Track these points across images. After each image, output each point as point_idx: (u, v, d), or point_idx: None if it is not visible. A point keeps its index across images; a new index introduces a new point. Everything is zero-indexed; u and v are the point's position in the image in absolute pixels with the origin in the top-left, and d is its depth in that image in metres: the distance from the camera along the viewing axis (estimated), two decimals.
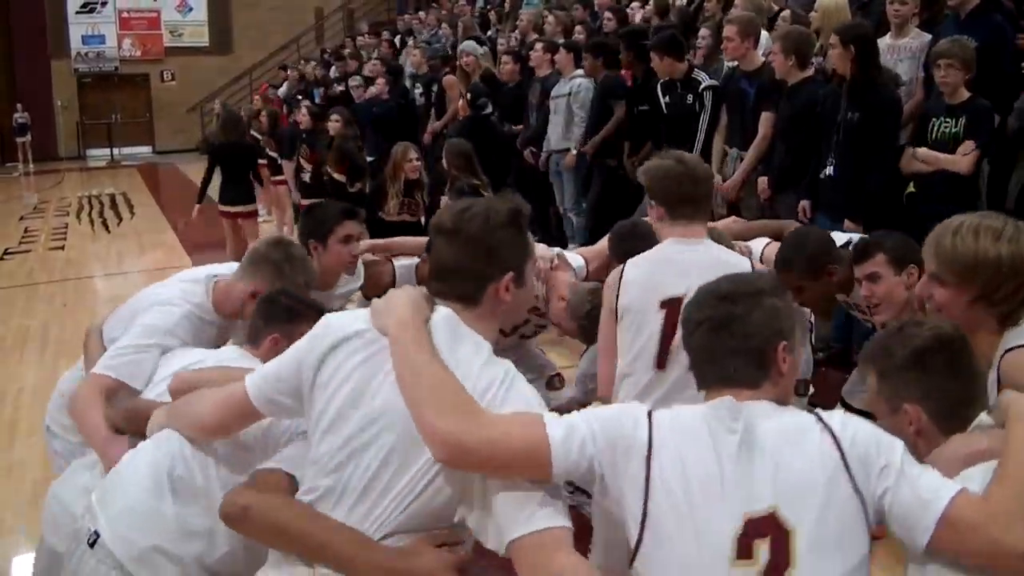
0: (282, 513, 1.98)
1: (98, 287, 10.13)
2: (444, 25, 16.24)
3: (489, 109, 8.88)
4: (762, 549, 1.69)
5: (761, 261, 3.81)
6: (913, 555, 1.78)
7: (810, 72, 5.78)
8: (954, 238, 2.36)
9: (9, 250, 12.00)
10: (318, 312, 2.79)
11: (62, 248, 12.24)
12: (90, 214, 15.12)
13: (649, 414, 1.85)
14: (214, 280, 3.18)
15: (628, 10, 10.15)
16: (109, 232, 13.49)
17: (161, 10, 26.06)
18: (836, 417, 1.82)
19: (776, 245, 3.82)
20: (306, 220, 3.83)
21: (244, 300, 3.09)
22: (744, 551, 1.69)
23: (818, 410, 1.87)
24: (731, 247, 3.47)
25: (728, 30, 6.26)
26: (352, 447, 1.93)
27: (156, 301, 3.09)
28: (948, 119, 5.20)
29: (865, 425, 1.82)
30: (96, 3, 25.38)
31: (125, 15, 25.72)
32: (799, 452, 1.75)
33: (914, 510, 1.70)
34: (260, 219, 10.14)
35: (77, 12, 25.18)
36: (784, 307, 1.96)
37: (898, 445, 1.78)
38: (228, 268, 3.29)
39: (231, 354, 2.86)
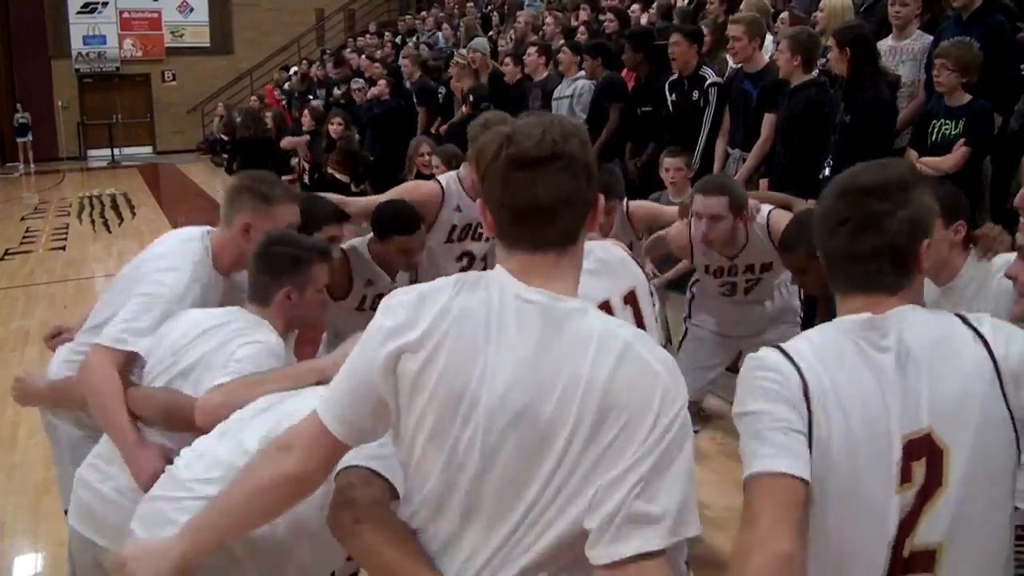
0: (389, 551, 1.73)
1: (99, 288, 10.12)
2: (444, 26, 16.26)
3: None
4: (919, 471, 1.66)
5: (768, 224, 4.03)
6: None
7: (814, 74, 5.76)
8: None
9: (10, 250, 12.02)
10: (321, 252, 2.80)
11: (63, 248, 12.25)
12: (91, 214, 15.13)
13: (785, 354, 1.77)
14: (209, 234, 2.96)
15: (630, 12, 10.14)
16: (110, 232, 13.51)
17: (162, 11, 26.05)
18: (986, 324, 1.74)
19: (783, 213, 4.03)
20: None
21: (239, 240, 2.88)
22: (906, 475, 1.66)
23: (963, 313, 1.80)
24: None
25: (735, 30, 6.26)
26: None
27: (158, 268, 2.84)
28: (948, 121, 5.22)
29: (1018, 335, 1.73)
30: (97, 3, 25.37)
31: (126, 15, 25.70)
32: (955, 366, 1.69)
33: None
34: None
35: (78, 12, 25.16)
36: (929, 200, 1.81)
37: None
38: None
39: (239, 317, 2.67)
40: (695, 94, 6.80)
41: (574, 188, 1.66)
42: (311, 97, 14.95)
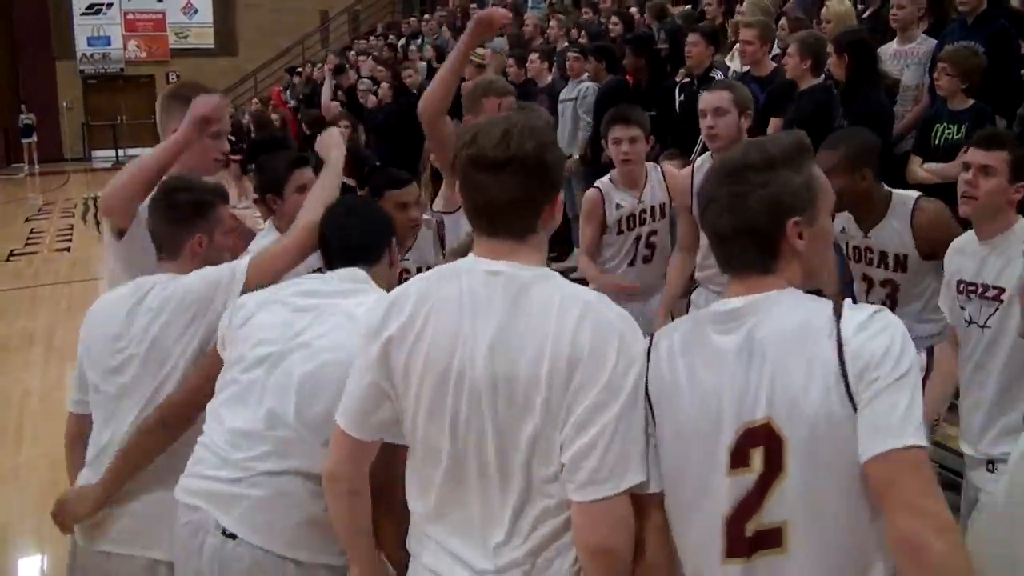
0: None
1: (103, 289, 10.13)
2: (444, 28, 16.29)
3: None
4: (757, 457, 1.69)
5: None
6: None
7: (821, 79, 5.75)
8: None
9: (15, 251, 12.05)
10: (222, 193, 2.79)
11: (68, 250, 12.29)
12: (95, 216, 15.14)
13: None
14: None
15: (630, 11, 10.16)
16: None
17: (166, 12, 26.13)
18: (856, 318, 1.68)
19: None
20: (259, 176, 3.55)
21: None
22: (740, 459, 1.71)
23: (847, 304, 1.73)
24: None
25: (747, 34, 6.24)
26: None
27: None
28: (951, 125, 5.20)
29: (885, 334, 1.66)
30: (101, 5, 25.44)
31: (130, 17, 25.77)
32: (798, 361, 1.67)
33: (864, 432, 1.62)
34: None
35: (82, 13, 25.24)
36: (801, 179, 1.78)
37: (905, 363, 1.64)
38: None
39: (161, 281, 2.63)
40: None
41: (524, 191, 1.82)
42: (316, 100, 14.94)
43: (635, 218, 4.60)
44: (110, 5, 25.53)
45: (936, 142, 5.26)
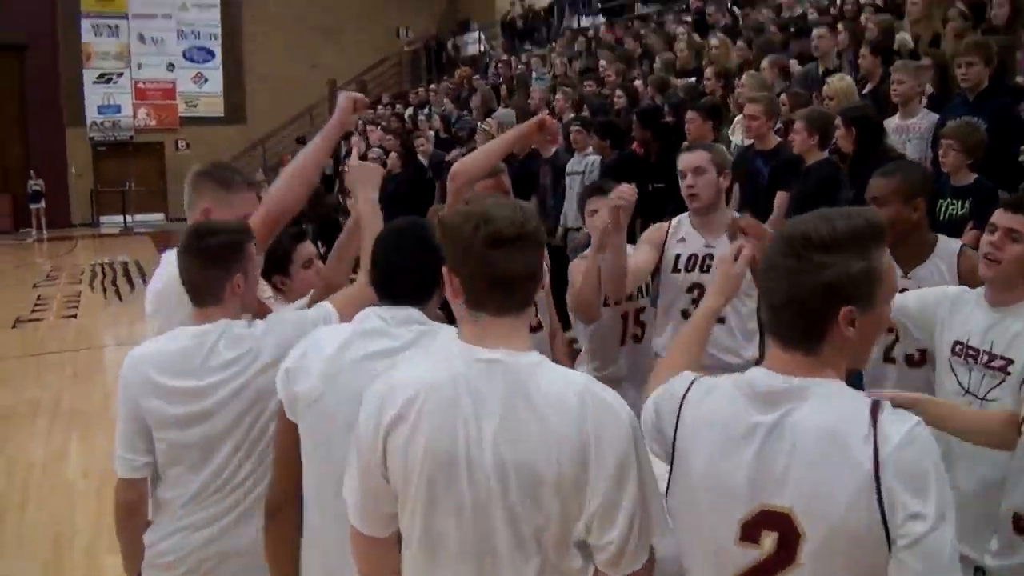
0: None
1: (109, 356, 10.15)
2: (445, 100, 16.48)
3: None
4: (768, 540, 1.72)
5: None
6: None
7: (826, 154, 5.81)
8: None
9: (21, 318, 12.07)
10: (248, 230, 2.73)
11: (74, 316, 12.31)
12: (103, 282, 15.22)
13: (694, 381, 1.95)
14: None
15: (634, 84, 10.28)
16: (121, 300, 13.57)
17: (177, 81, 26.51)
18: (896, 429, 1.67)
19: None
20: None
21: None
22: (751, 535, 1.74)
23: (884, 404, 1.73)
24: None
25: (753, 108, 6.30)
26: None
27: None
28: (954, 200, 5.22)
29: (926, 458, 1.65)
30: (112, 74, 25.82)
31: (141, 86, 26.15)
32: (830, 461, 1.67)
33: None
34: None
35: (94, 82, 25.62)
36: (864, 265, 1.74)
37: (946, 495, 1.63)
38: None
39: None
40: None
41: (536, 263, 1.93)
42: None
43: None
44: (121, 74, 25.91)
45: (940, 218, 5.27)
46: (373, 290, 2.46)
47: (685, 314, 3.96)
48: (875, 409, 1.70)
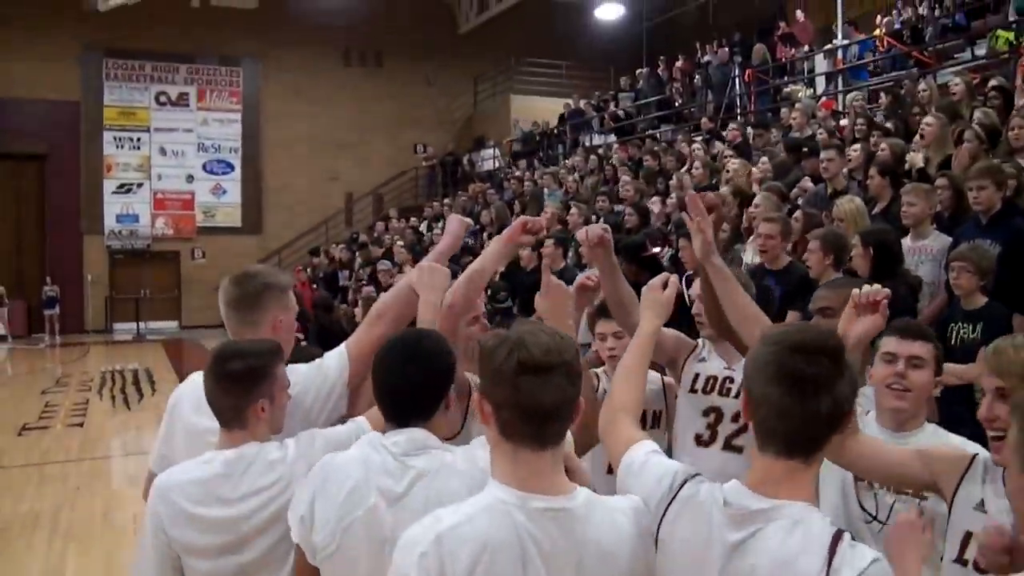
0: None
1: (113, 466, 10.03)
2: (452, 214, 16.56)
3: (508, 303, 8.87)
4: None
5: None
6: None
7: (840, 273, 5.75)
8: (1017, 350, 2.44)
9: (27, 425, 11.96)
10: (275, 350, 2.64)
11: (81, 425, 12.19)
12: (111, 390, 15.13)
13: (685, 481, 1.98)
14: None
15: (649, 204, 10.33)
16: (129, 409, 13.45)
17: (195, 192, 26.92)
18: (852, 561, 1.72)
19: None
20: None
21: (282, 331, 2.88)
22: None
23: (845, 536, 1.78)
24: None
25: (769, 228, 6.24)
26: None
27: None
28: (966, 324, 5.15)
29: None
30: (132, 184, 26.24)
31: (160, 196, 26.55)
32: None
33: None
34: None
35: (113, 192, 26.03)
36: (852, 380, 1.88)
37: None
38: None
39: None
40: None
41: (573, 393, 1.90)
42: (336, 280, 15.19)
43: None
44: (141, 185, 26.33)
45: (952, 342, 5.18)
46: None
47: (699, 439, 3.72)
48: (835, 542, 1.75)
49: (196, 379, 2.80)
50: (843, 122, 11.88)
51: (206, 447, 2.63)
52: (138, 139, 26.35)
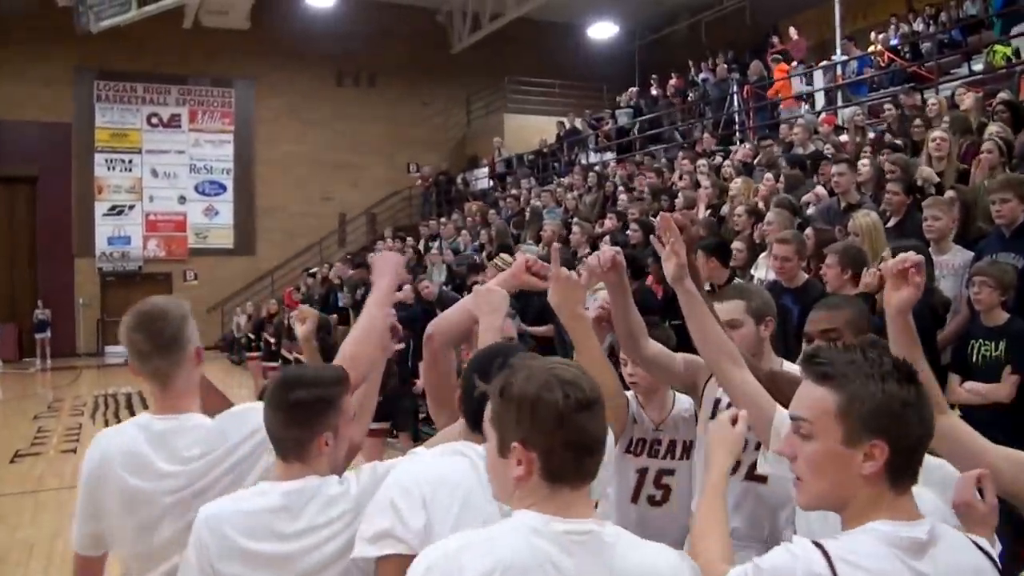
0: None
1: None
2: (464, 232, 16.52)
3: (517, 321, 8.68)
4: None
5: None
6: None
7: (858, 289, 5.61)
8: None
9: (20, 452, 11.74)
10: (344, 381, 2.51)
11: (74, 451, 11.95)
12: (104, 414, 14.91)
13: (824, 552, 1.70)
14: None
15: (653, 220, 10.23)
16: None
17: (187, 214, 26.75)
18: None
19: None
20: None
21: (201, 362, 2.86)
22: None
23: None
24: None
25: (784, 250, 6.06)
26: None
27: None
28: (987, 341, 5.02)
29: None
30: (124, 206, 26.06)
31: (152, 218, 26.37)
32: None
33: None
34: None
35: (105, 214, 25.85)
36: None
37: None
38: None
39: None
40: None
41: (605, 429, 1.89)
42: (332, 300, 15.04)
43: (646, 445, 3.77)
44: (132, 207, 26.16)
45: (974, 360, 5.06)
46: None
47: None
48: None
49: (117, 436, 2.64)
50: (843, 137, 11.84)
51: (154, 513, 2.50)
52: (130, 161, 26.19)
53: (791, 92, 16.19)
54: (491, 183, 23.77)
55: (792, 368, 3.27)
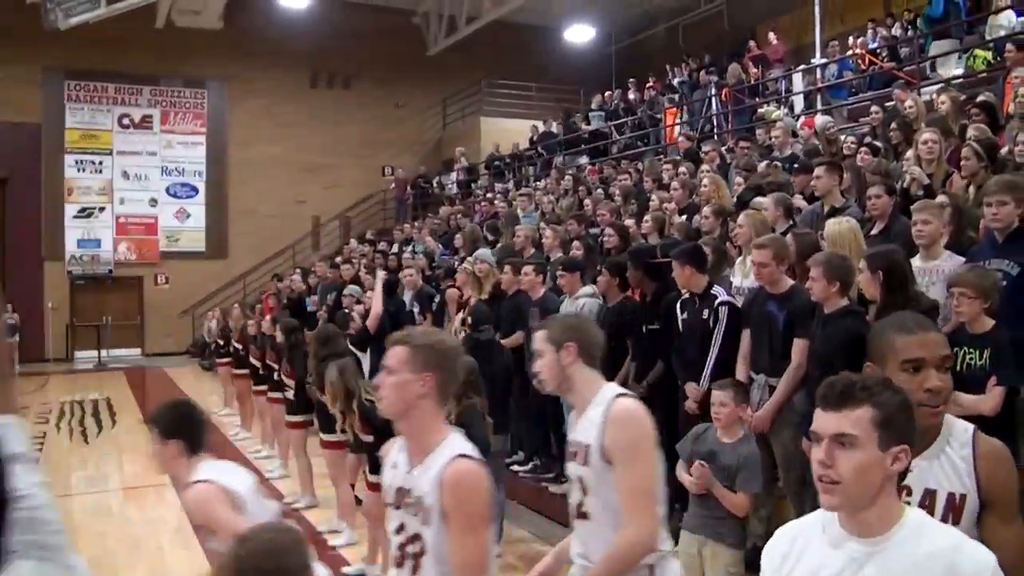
0: None
1: (74, 506, 9.48)
2: (429, 239, 16.33)
3: (490, 335, 8.42)
4: None
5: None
6: None
7: (846, 300, 5.40)
8: None
9: None
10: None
11: (35, 462, 11.60)
12: (70, 422, 14.55)
13: None
14: None
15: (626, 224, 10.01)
16: (87, 443, 12.87)
17: (159, 216, 26.32)
18: None
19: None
20: None
21: None
22: None
23: None
24: None
25: (762, 255, 5.84)
26: None
27: None
28: (972, 350, 4.77)
29: None
30: (94, 209, 25.62)
31: (122, 220, 25.93)
32: None
33: None
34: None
35: (75, 216, 25.39)
36: None
37: None
38: None
39: None
40: (705, 312, 6.44)
41: None
42: (303, 305, 14.75)
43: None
44: (103, 209, 25.73)
45: (958, 368, 4.72)
46: None
47: None
48: None
49: None
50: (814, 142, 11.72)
51: None
52: (100, 162, 25.76)
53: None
54: (456, 190, 23.56)
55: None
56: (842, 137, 10.00)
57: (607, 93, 21.83)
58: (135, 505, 9.39)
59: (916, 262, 5.54)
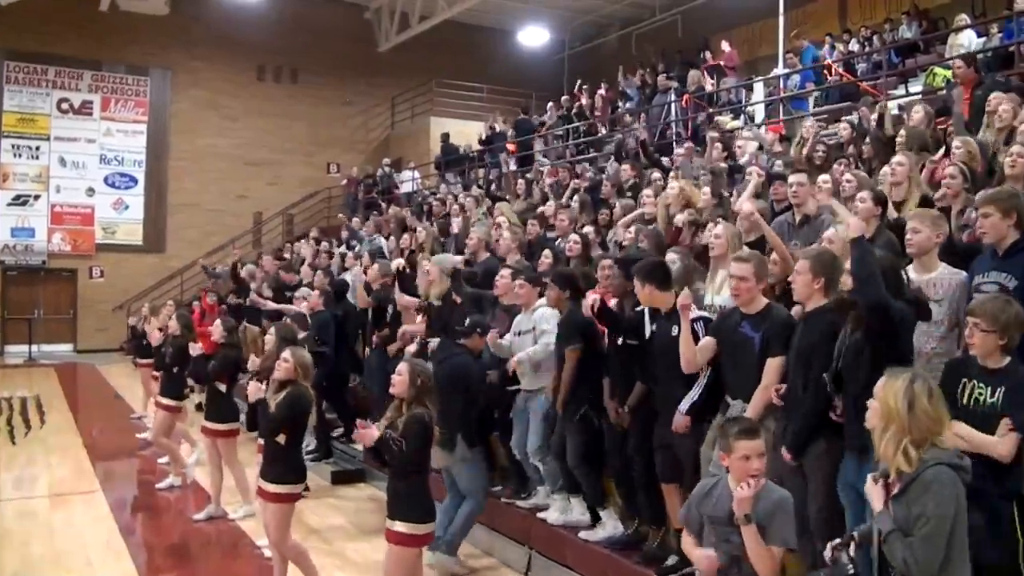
0: None
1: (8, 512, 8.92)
2: (378, 236, 16.03)
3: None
4: None
5: None
6: None
7: (826, 301, 5.04)
8: None
9: None
10: None
11: None
12: (8, 420, 13.83)
13: None
14: None
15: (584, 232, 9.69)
16: (14, 443, 12.16)
17: (95, 207, 25.45)
18: None
19: None
20: None
21: None
22: None
23: None
24: None
25: (743, 269, 5.39)
26: None
27: None
28: (982, 385, 4.32)
29: None
30: (29, 196, 24.72)
31: (58, 209, 25.04)
32: None
33: None
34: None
35: (8, 204, 24.45)
36: None
37: None
38: None
39: None
40: (675, 329, 6.02)
41: None
42: (240, 300, 14.29)
43: None
44: (38, 197, 24.83)
45: (964, 401, 4.36)
46: None
47: None
48: None
49: None
50: (778, 148, 11.64)
51: None
52: (37, 148, 24.86)
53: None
54: (415, 186, 23.18)
55: None
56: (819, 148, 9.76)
57: (563, 98, 21.58)
58: (63, 513, 8.85)
59: (911, 274, 5.22)
